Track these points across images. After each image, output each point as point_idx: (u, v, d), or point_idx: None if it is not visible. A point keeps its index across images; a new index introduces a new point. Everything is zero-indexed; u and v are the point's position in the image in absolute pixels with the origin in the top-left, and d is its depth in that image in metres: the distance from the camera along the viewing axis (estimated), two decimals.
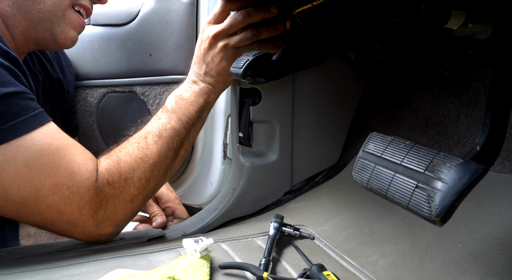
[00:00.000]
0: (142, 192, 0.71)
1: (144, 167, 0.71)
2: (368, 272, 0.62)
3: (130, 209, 0.71)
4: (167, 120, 0.75)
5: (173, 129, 0.75)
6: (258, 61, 0.74)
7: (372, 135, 0.58)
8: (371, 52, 0.90)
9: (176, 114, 0.76)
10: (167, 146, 0.74)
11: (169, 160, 0.75)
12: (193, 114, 0.78)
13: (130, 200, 0.70)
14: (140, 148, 0.72)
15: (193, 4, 1.13)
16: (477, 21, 0.69)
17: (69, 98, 1.05)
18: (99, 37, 1.18)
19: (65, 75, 1.03)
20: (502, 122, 0.54)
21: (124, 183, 0.69)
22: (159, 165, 0.73)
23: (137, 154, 0.71)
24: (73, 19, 0.81)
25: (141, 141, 0.73)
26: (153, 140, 0.73)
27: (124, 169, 0.69)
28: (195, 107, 0.78)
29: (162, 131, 0.74)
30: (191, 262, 0.60)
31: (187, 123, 0.77)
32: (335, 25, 0.84)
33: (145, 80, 1.16)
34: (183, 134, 0.76)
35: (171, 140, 0.75)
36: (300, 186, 0.97)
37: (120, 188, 0.68)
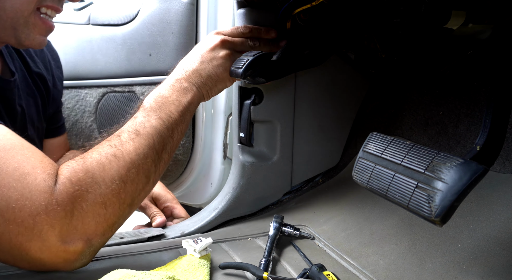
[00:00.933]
0: (117, 195, 0.58)
1: (118, 164, 0.59)
2: (368, 272, 0.62)
3: (104, 217, 0.57)
4: (146, 118, 0.66)
5: (153, 127, 0.66)
6: (258, 61, 0.74)
7: (372, 135, 0.58)
8: (371, 52, 0.90)
9: (156, 112, 0.68)
10: (147, 144, 0.64)
11: (149, 160, 0.63)
12: (175, 114, 0.69)
13: (102, 203, 0.57)
14: (113, 145, 0.61)
15: (193, 4, 1.13)
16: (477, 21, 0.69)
17: (57, 94, 0.99)
18: (98, 37, 1.18)
19: (49, 70, 0.97)
20: (502, 122, 0.54)
21: (91, 181, 0.56)
22: (137, 165, 0.61)
23: (108, 151, 0.60)
24: (38, 24, 0.73)
25: (114, 139, 0.63)
26: (129, 137, 0.63)
27: (92, 165, 0.58)
28: (178, 106, 0.70)
29: (140, 128, 0.65)
30: (191, 262, 0.60)
31: (169, 123, 0.68)
32: (335, 25, 0.84)
33: (145, 80, 1.16)
34: (165, 133, 0.67)
35: (151, 138, 0.64)
36: (300, 187, 0.97)
37: (86, 186, 0.56)
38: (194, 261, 0.60)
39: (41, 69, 0.94)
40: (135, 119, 0.67)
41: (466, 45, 0.75)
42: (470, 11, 0.66)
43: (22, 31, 0.71)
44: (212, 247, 0.73)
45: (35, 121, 0.89)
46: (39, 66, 0.94)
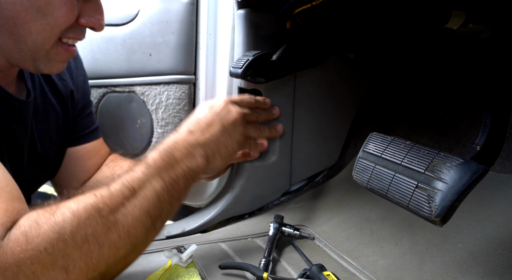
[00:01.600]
0: (87, 258, 0.47)
1: (98, 220, 0.48)
2: (368, 272, 0.62)
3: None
4: (147, 176, 0.55)
5: (153, 189, 0.55)
6: (258, 61, 0.75)
7: (372, 135, 0.58)
8: (371, 52, 0.90)
9: (160, 172, 0.57)
10: (140, 206, 0.52)
11: (140, 226, 0.52)
12: (181, 180, 0.59)
13: (62, 267, 0.45)
14: (98, 195, 0.50)
15: (193, 4, 1.13)
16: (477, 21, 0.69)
17: (77, 103, 0.92)
18: (98, 37, 1.18)
19: (73, 79, 0.92)
20: (502, 122, 0.54)
21: (56, 237, 0.45)
22: (122, 227, 0.50)
23: (89, 201, 0.49)
24: (60, 53, 0.67)
25: (102, 188, 0.51)
26: (121, 192, 0.52)
27: (63, 217, 0.46)
28: (185, 172, 0.60)
29: (137, 186, 0.53)
30: (180, 274, 0.58)
31: (173, 188, 0.57)
32: (335, 25, 0.84)
33: (145, 80, 1.16)
34: (165, 199, 0.56)
35: (147, 201, 0.53)
36: (300, 186, 0.97)
37: (46, 244, 0.44)
38: (182, 272, 0.59)
39: (67, 81, 0.88)
40: (133, 173, 0.55)
41: (466, 45, 0.75)
42: (470, 11, 0.66)
43: (42, 61, 0.67)
44: (212, 247, 0.73)
45: (53, 137, 0.82)
46: (64, 78, 0.88)
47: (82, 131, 0.93)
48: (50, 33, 0.63)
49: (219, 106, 0.73)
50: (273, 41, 0.85)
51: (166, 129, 1.14)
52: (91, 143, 0.94)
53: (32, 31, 0.62)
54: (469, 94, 0.73)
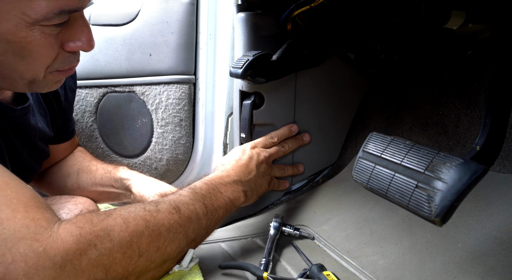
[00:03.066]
0: (125, 263, 0.50)
1: (144, 232, 0.52)
2: (368, 272, 0.62)
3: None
4: (192, 200, 0.61)
5: (195, 212, 0.60)
6: (258, 61, 0.75)
7: (372, 135, 0.58)
8: (371, 52, 0.90)
9: (204, 200, 0.63)
10: (182, 226, 0.57)
11: (176, 243, 0.56)
12: (221, 211, 0.65)
13: (104, 266, 0.48)
14: (147, 209, 0.55)
15: (193, 4, 1.13)
16: (477, 21, 0.69)
17: (68, 107, 0.94)
18: (99, 37, 1.18)
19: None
20: (502, 122, 0.54)
21: (106, 236, 0.49)
22: (162, 242, 0.54)
23: (139, 213, 0.54)
24: (60, 79, 0.65)
25: (150, 204, 0.57)
26: (167, 210, 0.57)
27: (115, 221, 0.51)
28: (226, 205, 0.67)
29: (182, 207, 0.59)
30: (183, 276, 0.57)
31: (212, 216, 0.63)
32: (335, 25, 0.84)
33: (145, 80, 1.16)
34: (203, 225, 0.61)
35: (188, 222, 0.58)
36: (300, 186, 0.97)
37: (97, 241, 0.48)
38: (185, 274, 0.58)
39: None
40: (180, 196, 0.61)
41: (466, 45, 0.75)
42: (470, 11, 0.66)
43: (37, 87, 0.64)
44: (212, 247, 0.73)
45: (46, 135, 0.86)
46: None
47: (65, 131, 0.98)
48: (36, 70, 0.60)
49: (250, 151, 0.83)
50: (273, 41, 0.85)
51: (166, 129, 1.14)
52: (70, 140, 1.01)
53: (17, 71, 0.59)
54: (469, 94, 0.73)
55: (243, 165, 0.79)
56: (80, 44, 0.61)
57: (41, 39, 0.56)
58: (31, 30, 0.54)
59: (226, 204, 0.67)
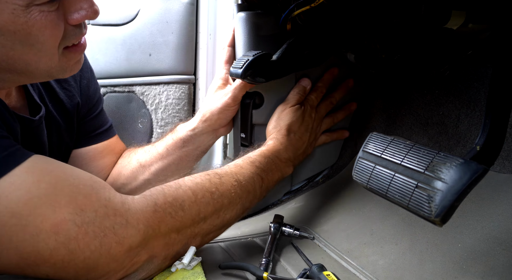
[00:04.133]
0: (193, 227, 0.60)
1: (209, 202, 0.61)
2: (368, 272, 0.62)
3: (173, 241, 0.58)
4: (252, 173, 0.69)
5: (253, 184, 0.68)
6: (258, 61, 0.75)
7: (372, 135, 0.58)
8: (371, 52, 0.90)
9: (262, 174, 0.71)
10: (240, 197, 0.65)
11: (234, 212, 0.65)
12: (273, 183, 0.74)
13: (177, 229, 0.58)
14: (212, 182, 0.63)
15: (193, 4, 1.13)
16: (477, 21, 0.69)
17: (80, 109, 0.89)
18: (98, 37, 1.18)
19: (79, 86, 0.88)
20: (502, 122, 0.54)
21: (179, 207, 0.58)
22: (223, 211, 0.63)
23: (206, 185, 0.62)
24: (71, 57, 0.64)
25: (214, 177, 0.64)
26: (229, 183, 0.64)
27: (186, 194, 0.60)
28: (279, 178, 0.77)
29: (242, 180, 0.66)
30: (186, 276, 0.58)
31: (266, 187, 0.72)
32: (334, 25, 0.84)
33: (145, 80, 1.16)
34: (257, 195, 0.69)
35: (246, 194, 0.66)
36: (300, 186, 0.97)
37: (171, 210, 0.57)
38: (187, 274, 0.58)
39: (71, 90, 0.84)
40: (241, 169, 0.68)
41: (466, 45, 0.75)
42: (470, 11, 0.66)
43: (57, 73, 0.64)
44: (212, 247, 0.73)
45: (54, 149, 0.80)
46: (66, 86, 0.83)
47: (93, 132, 0.92)
48: (48, 56, 0.59)
49: (307, 119, 0.85)
50: (273, 41, 0.85)
51: (165, 129, 1.15)
52: (102, 142, 0.92)
53: (30, 62, 0.58)
54: (469, 94, 0.73)
55: (299, 139, 0.82)
56: (84, 13, 0.59)
57: (42, 19, 0.54)
58: (28, 13, 0.52)
59: (278, 178, 0.76)
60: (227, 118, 0.89)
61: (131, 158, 0.95)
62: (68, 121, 0.83)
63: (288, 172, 0.79)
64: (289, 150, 0.79)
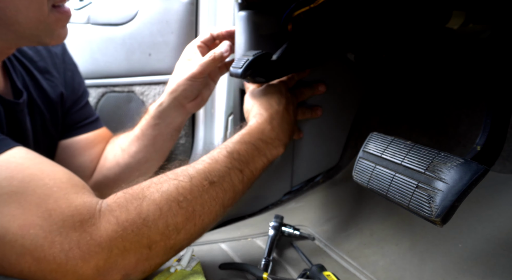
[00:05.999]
0: (166, 240, 0.54)
1: (178, 212, 0.55)
2: (368, 273, 0.62)
3: (147, 257, 0.54)
4: (227, 170, 0.61)
5: (232, 184, 0.61)
6: (258, 61, 0.74)
7: (372, 135, 0.58)
8: (371, 52, 0.90)
9: (241, 166, 0.63)
10: (217, 198, 0.59)
11: (213, 216, 0.59)
12: (258, 171, 0.66)
13: (147, 245, 0.53)
14: (180, 187, 0.56)
15: (193, 4, 1.13)
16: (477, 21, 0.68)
17: (65, 101, 0.91)
18: (98, 36, 1.18)
19: (62, 77, 0.89)
20: (503, 122, 0.54)
21: (142, 224, 0.53)
22: (198, 217, 0.57)
23: (172, 193, 0.56)
24: (58, 18, 0.64)
25: (184, 178, 0.58)
26: (200, 184, 0.58)
27: (148, 209, 0.54)
28: (264, 164, 0.67)
29: (217, 179, 0.59)
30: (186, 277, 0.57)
31: (249, 180, 0.64)
32: (335, 25, 0.84)
33: (145, 80, 1.16)
34: (239, 190, 0.62)
35: (225, 194, 0.59)
36: (300, 187, 0.97)
37: (134, 228, 0.52)
38: (187, 274, 0.58)
39: (54, 81, 0.85)
40: (216, 165, 0.61)
41: (466, 45, 0.75)
42: (470, 11, 0.66)
43: (45, 34, 0.64)
44: (212, 247, 0.73)
45: (39, 138, 0.81)
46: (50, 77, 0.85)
47: (80, 122, 0.93)
48: (39, 3, 0.60)
49: (286, 95, 0.77)
50: (273, 41, 0.85)
51: None
52: (92, 132, 0.94)
53: (20, 8, 0.58)
54: (469, 94, 0.73)
55: (284, 111, 0.73)
56: None
57: None
58: None
59: (264, 164, 0.67)
60: (193, 91, 0.83)
61: (114, 144, 0.95)
62: (52, 111, 0.84)
63: (277, 154, 0.69)
64: (275, 127, 0.70)
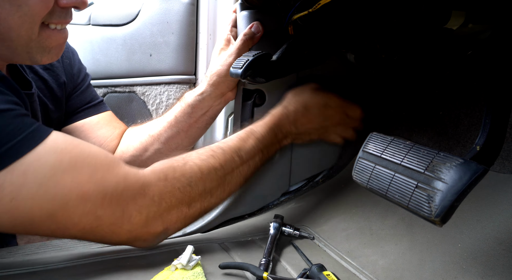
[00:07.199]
0: (202, 202, 0.65)
1: (214, 178, 0.66)
2: (368, 272, 0.62)
3: (185, 215, 0.64)
4: (254, 150, 0.72)
5: (254, 158, 0.72)
6: (258, 61, 0.75)
7: (372, 135, 0.58)
8: (371, 52, 0.90)
9: (264, 150, 0.74)
10: (244, 174, 0.71)
11: (238, 186, 0.71)
12: (274, 154, 0.78)
13: (187, 204, 0.63)
14: (216, 158, 0.67)
15: (193, 4, 1.13)
16: (477, 21, 0.69)
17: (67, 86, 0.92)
18: (99, 37, 1.18)
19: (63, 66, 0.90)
20: (502, 122, 0.54)
21: (187, 183, 0.63)
22: (227, 185, 0.69)
23: (211, 161, 0.66)
24: (51, 38, 0.66)
25: (219, 152, 0.68)
26: (232, 159, 0.69)
27: (192, 170, 0.64)
28: (278, 149, 0.80)
29: (245, 156, 0.71)
30: (186, 276, 0.58)
31: (265, 160, 0.76)
32: (334, 26, 0.84)
33: (145, 80, 1.16)
34: (257, 167, 0.74)
35: (249, 170, 0.72)
36: (300, 186, 0.97)
37: (180, 186, 0.62)
38: (187, 274, 0.59)
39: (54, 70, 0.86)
40: (245, 145, 0.71)
41: (466, 45, 0.75)
42: (470, 11, 0.66)
43: (36, 52, 0.66)
44: (212, 247, 0.73)
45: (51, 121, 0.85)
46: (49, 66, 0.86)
47: (81, 107, 0.94)
48: (31, 24, 0.61)
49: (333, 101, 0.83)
50: (273, 41, 0.85)
51: None
52: (96, 115, 0.95)
53: (12, 26, 0.60)
54: (469, 94, 0.73)
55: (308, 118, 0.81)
56: (74, 0, 0.64)
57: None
58: None
59: (276, 150, 0.79)
60: (234, 80, 0.88)
61: (140, 130, 0.96)
62: (54, 100, 0.86)
63: (285, 144, 0.81)
64: (292, 124, 0.79)
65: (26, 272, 0.61)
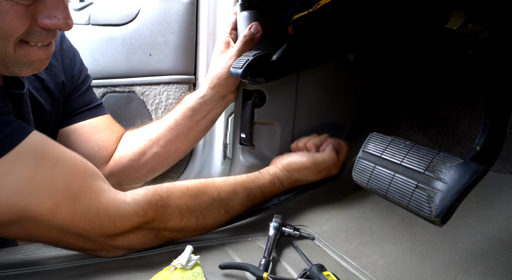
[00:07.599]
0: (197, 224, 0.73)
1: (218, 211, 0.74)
2: (368, 272, 0.62)
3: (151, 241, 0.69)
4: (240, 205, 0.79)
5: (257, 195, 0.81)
6: (258, 61, 0.75)
7: (372, 135, 0.58)
8: (371, 52, 0.90)
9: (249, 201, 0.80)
10: (245, 205, 0.79)
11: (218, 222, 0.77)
12: (258, 201, 0.83)
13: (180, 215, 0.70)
14: (223, 194, 0.75)
15: (193, 4, 1.13)
16: (477, 21, 0.69)
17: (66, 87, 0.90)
18: (98, 37, 1.18)
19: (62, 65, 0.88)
20: (502, 122, 0.54)
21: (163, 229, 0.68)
22: (230, 216, 0.77)
23: (214, 195, 0.74)
24: (31, 55, 0.62)
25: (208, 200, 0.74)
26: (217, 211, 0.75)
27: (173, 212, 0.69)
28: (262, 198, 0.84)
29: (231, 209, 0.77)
30: (185, 276, 0.58)
31: (252, 205, 0.82)
32: (334, 26, 0.84)
33: (145, 80, 1.16)
34: (248, 206, 0.81)
35: (251, 203, 0.80)
36: (300, 186, 0.97)
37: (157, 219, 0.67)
38: (187, 273, 0.59)
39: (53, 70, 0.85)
40: (233, 195, 0.77)
41: (466, 45, 0.75)
42: (470, 11, 0.66)
43: (14, 66, 0.63)
44: (212, 247, 0.73)
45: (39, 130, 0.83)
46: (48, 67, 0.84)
47: (80, 108, 0.92)
48: (4, 42, 0.58)
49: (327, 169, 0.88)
50: (273, 41, 0.85)
51: None
52: (95, 118, 0.93)
53: None
54: (469, 94, 0.73)
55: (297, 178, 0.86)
56: (56, 22, 0.59)
57: (7, 7, 0.54)
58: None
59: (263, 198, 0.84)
60: (235, 83, 0.88)
61: (139, 134, 0.95)
62: (51, 100, 0.84)
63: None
64: (280, 185, 0.85)
65: (26, 272, 0.60)
